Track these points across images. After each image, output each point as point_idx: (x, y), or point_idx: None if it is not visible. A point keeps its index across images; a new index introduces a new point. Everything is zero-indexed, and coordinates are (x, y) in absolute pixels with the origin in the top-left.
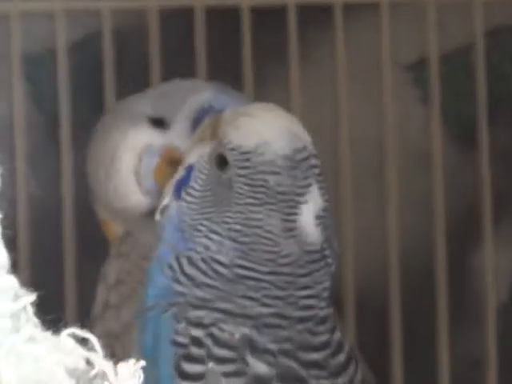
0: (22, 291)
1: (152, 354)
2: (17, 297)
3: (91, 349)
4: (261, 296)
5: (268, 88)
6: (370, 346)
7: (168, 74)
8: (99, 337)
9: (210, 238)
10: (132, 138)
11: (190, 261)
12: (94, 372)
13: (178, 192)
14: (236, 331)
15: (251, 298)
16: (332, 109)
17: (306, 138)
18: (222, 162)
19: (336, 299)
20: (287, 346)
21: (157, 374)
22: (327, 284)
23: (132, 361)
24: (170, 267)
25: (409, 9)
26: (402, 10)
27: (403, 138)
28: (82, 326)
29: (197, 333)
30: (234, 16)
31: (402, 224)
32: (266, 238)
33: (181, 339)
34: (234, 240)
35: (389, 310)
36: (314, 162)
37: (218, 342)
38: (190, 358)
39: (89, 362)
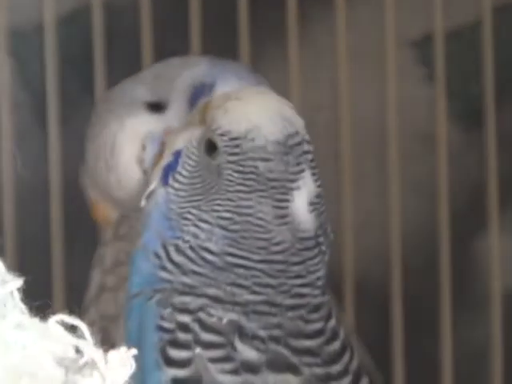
0: (9, 276)
1: (137, 342)
2: (3, 282)
3: (80, 336)
4: (251, 284)
5: (266, 67)
6: (371, 334)
7: (160, 51)
8: (93, 320)
9: (198, 227)
10: (130, 127)
11: (178, 248)
12: (83, 360)
13: (165, 178)
14: (224, 316)
15: (241, 286)
16: (332, 88)
17: (298, 123)
18: (211, 147)
19: (335, 286)
20: (277, 332)
21: (141, 361)
22: (321, 273)
23: (123, 349)
24: (156, 255)
25: None
26: None
27: (406, 118)
28: (71, 312)
29: (183, 318)
30: None
31: (405, 208)
32: (257, 225)
33: (166, 325)
34: (224, 228)
35: (390, 296)
36: (306, 147)
37: (205, 326)
38: (177, 344)
39: (78, 350)
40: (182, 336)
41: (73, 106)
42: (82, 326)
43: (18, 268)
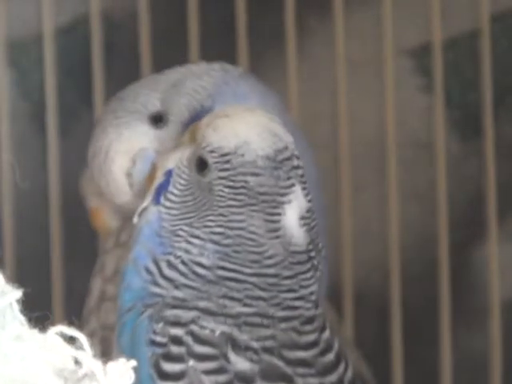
0: (8, 287)
1: (130, 357)
2: (2, 293)
3: (80, 347)
4: (243, 297)
5: (265, 78)
6: (370, 343)
7: (159, 63)
8: (94, 330)
9: (190, 243)
10: (127, 138)
11: (170, 264)
12: (82, 372)
13: (157, 197)
14: (216, 328)
15: (232, 298)
16: (331, 98)
17: (287, 139)
18: (201, 165)
19: (335, 295)
20: (270, 343)
21: (136, 376)
22: (314, 288)
23: (122, 360)
24: (148, 270)
25: None
26: None
27: (404, 127)
28: (70, 323)
29: (176, 331)
30: (230, 1)
31: (404, 217)
32: (249, 239)
33: (159, 339)
34: (216, 243)
35: (389, 306)
36: (296, 162)
37: (198, 339)
38: (170, 357)
39: (77, 362)
40: (174, 349)
41: (72, 116)
42: (81, 338)
43: (17, 279)
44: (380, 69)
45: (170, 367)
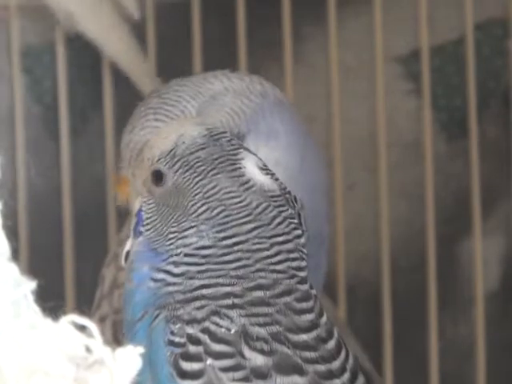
0: (23, 279)
1: (149, 359)
2: (17, 284)
3: (90, 335)
4: (252, 262)
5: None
6: (362, 330)
7: (164, 68)
8: (106, 314)
9: (184, 236)
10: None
11: (176, 263)
12: (92, 358)
13: (136, 233)
14: (231, 326)
15: (241, 267)
16: (325, 100)
17: (219, 126)
18: (158, 177)
19: (329, 285)
20: (276, 328)
21: (156, 376)
22: (304, 240)
23: (130, 347)
24: (155, 280)
25: (401, 2)
26: (395, 3)
27: (394, 128)
28: (81, 313)
29: (192, 330)
30: (229, 7)
31: (393, 212)
32: (230, 198)
33: (177, 339)
34: (206, 220)
35: (380, 295)
36: (231, 137)
37: (214, 337)
38: (188, 357)
39: (88, 349)
40: (192, 348)
41: (82, 118)
42: (92, 326)
43: (31, 271)
44: (371, 74)
45: (188, 366)
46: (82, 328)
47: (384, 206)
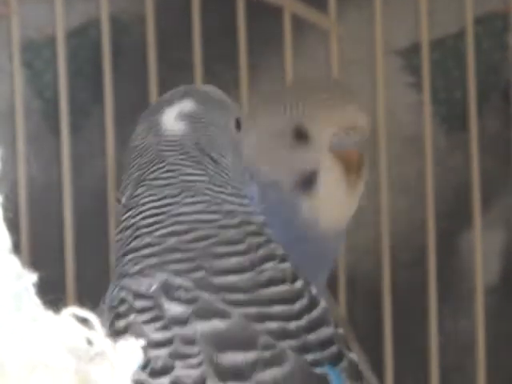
0: (24, 272)
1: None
2: (19, 277)
3: (91, 328)
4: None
5: (263, 75)
6: (363, 323)
7: (165, 62)
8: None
9: (140, 235)
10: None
11: (132, 260)
12: (94, 351)
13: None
14: (154, 281)
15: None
16: None
17: None
18: None
19: (329, 279)
20: (199, 274)
21: None
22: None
23: (131, 339)
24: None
25: None
26: None
27: (394, 122)
28: (82, 306)
29: (122, 294)
30: (230, 4)
31: (394, 206)
32: (142, 150)
33: (115, 303)
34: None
35: (380, 289)
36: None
37: (137, 295)
38: (119, 316)
39: (89, 341)
40: (121, 308)
41: (82, 113)
42: (93, 319)
43: (32, 264)
44: (372, 67)
45: (118, 324)
46: (83, 321)
47: (384, 200)
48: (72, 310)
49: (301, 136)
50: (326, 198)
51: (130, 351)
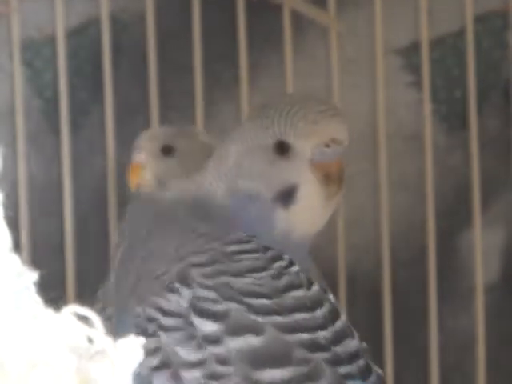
0: (24, 270)
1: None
2: (19, 275)
3: (92, 326)
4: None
5: (264, 74)
6: (363, 322)
7: (164, 61)
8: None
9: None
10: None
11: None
12: (94, 349)
13: None
14: (182, 300)
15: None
16: (326, 93)
17: None
18: None
19: (329, 277)
20: (223, 279)
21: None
22: None
23: (132, 337)
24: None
25: None
26: None
27: (394, 120)
28: (83, 303)
29: (149, 311)
30: (230, 3)
31: (393, 205)
32: None
33: (140, 321)
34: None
35: (380, 288)
36: None
37: (165, 313)
38: (146, 335)
39: (90, 339)
40: (150, 327)
41: (82, 112)
42: (93, 317)
43: (32, 262)
44: (372, 66)
45: (147, 345)
46: (83, 319)
47: (384, 198)
48: (72, 308)
49: (282, 150)
50: (303, 210)
51: (131, 349)
